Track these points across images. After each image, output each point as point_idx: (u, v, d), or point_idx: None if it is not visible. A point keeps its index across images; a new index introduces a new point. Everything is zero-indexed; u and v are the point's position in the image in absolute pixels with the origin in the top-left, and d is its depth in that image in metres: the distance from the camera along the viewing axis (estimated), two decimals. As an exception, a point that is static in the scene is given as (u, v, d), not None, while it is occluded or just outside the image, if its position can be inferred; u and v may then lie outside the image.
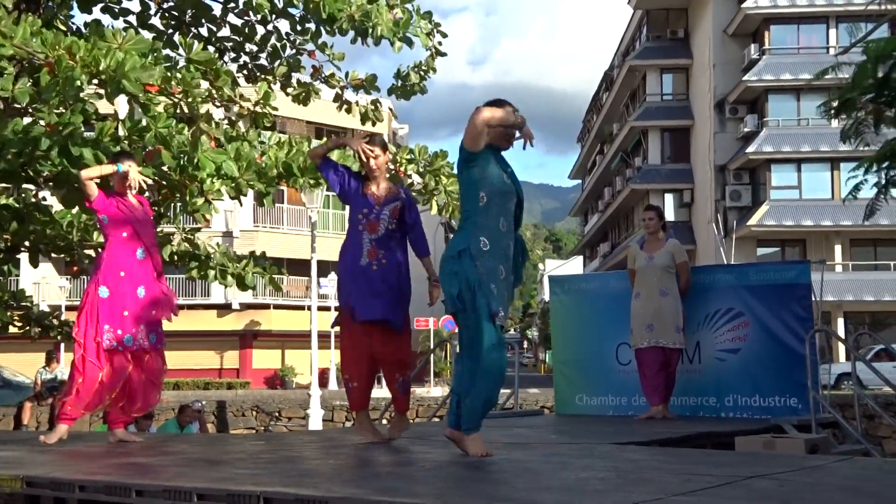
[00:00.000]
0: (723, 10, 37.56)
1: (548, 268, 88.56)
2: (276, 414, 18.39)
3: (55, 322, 11.28)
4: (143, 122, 8.02)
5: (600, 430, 6.97)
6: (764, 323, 7.94)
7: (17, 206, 9.52)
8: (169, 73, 7.54)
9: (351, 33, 9.72)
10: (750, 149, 35.37)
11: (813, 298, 7.99)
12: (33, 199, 9.70)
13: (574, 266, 69.86)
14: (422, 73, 10.43)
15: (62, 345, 19.13)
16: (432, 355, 33.10)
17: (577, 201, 65.76)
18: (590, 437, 6.36)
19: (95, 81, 7.28)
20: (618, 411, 8.56)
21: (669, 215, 36.90)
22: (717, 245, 30.72)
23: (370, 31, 9.13)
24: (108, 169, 5.94)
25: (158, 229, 10.03)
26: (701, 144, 39.09)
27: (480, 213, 4.75)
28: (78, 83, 7.04)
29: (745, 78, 35.85)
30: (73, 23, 9.65)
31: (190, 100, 8.00)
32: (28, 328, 10.81)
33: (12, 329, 10.95)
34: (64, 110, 7.79)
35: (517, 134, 4.80)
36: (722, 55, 37.40)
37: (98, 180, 5.93)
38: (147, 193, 9.10)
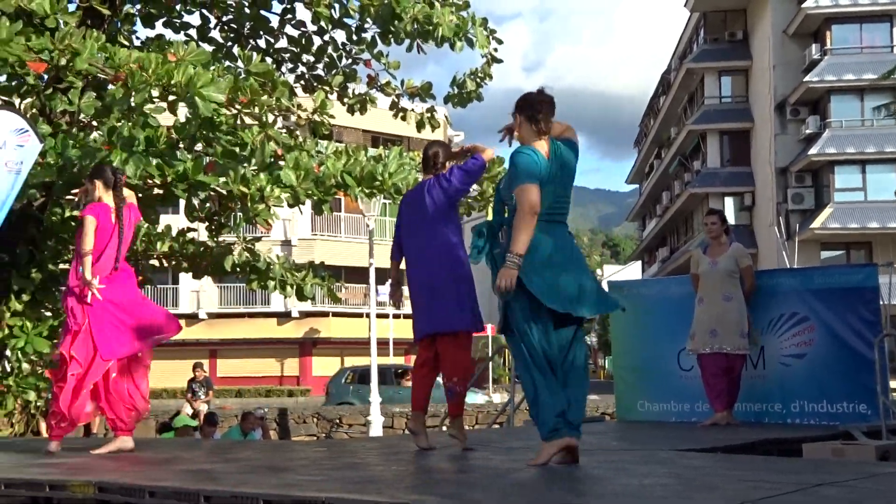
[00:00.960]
0: (782, 11, 36.99)
1: (606, 273, 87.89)
2: (337, 421, 18.51)
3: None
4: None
5: (662, 436, 6.91)
6: (830, 327, 7.79)
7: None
8: (237, 83, 7.60)
9: (406, 42, 9.79)
10: (812, 151, 34.77)
11: (881, 302, 7.82)
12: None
13: (632, 271, 69.26)
14: (478, 80, 10.44)
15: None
16: (491, 362, 33.05)
17: (634, 206, 65.25)
18: (652, 443, 6.30)
19: (165, 97, 7.39)
20: (680, 417, 8.46)
21: (730, 219, 36.31)
22: (780, 249, 30.21)
23: (432, 32, 9.19)
24: None
25: (221, 239, 10.22)
26: (761, 147, 38.53)
27: None
28: (148, 95, 7.17)
29: (807, 79, 35.26)
30: (136, 37, 9.84)
31: (257, 110, 8.03)
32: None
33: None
34: (123, 122, 7.95)
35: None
36: (782, 56, 36.83)
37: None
38: (210, 204, 9.29)
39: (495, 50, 10.22)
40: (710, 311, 7.71)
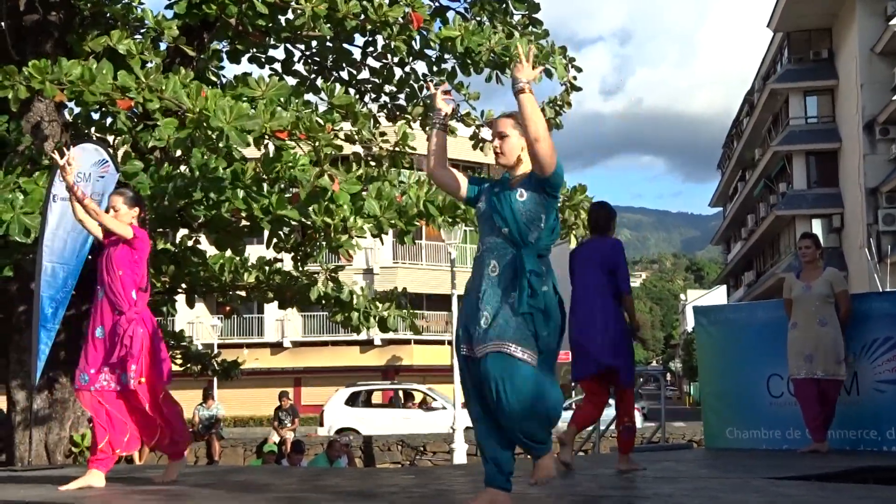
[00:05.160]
0: (869, 29, 36.14)
1: (689, 298, 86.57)
2: (422, 448, 18.52)
3: (213, 361, 11.80)
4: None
5: (753, 464, 6.76)
6: (926, 352, 7.55)
7: (173, 249, 10.01)
8: (298, 119, 7.60)
9: (486, 72, 9.86)
10: (903, 170, 33.83)
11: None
12: (189, 244, 10.18)
13: (717, 296, 68.04)
14: (557, 107, 10.46)
15: (216, 382, 19.85)
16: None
17: (718, 229, 64.19)
18: (742, 471, 6.18)
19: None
20: (771, 445, 8.28)
21: (818, 241, 35.42)
22: (871, 271, 29.38)
23: (508, 63, 9.17)
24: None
25: (305, 269, 10.39)
26: (849, 167, 37.61)
27: None
28: (223, 140, 7.30)
29: (896, 97, 34.38)
30: (223, 74, 10.14)
31: (316, 143, 7.98)
32: (188, 366, 11.31)
33: (173, 367, 11.44)
34: (210, 156, 8.16)
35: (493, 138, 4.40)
36: (869, 74, 35.96)
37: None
38: (294, 235, 9.46)
39: (574, 78, 10.24)
40: (805, 336, 7.54)
